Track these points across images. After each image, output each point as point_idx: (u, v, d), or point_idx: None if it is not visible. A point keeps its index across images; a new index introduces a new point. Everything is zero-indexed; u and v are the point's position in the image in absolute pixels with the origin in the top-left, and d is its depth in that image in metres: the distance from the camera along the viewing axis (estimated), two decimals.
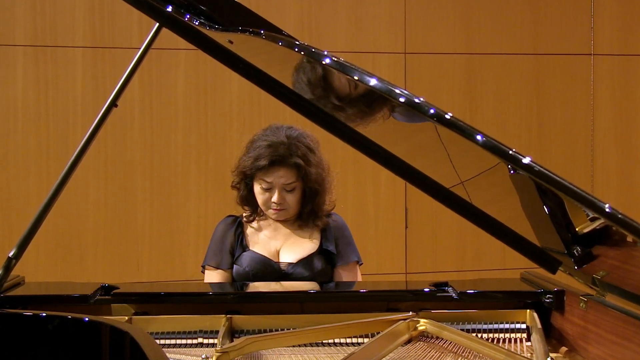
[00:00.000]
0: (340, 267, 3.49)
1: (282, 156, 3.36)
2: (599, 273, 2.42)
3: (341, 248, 3.51)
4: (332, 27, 5.64)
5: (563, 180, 2.03)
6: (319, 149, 3.51)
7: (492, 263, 5.75)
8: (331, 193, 3.57)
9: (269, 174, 3.37)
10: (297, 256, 3.44)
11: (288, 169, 3.37)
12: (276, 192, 3.40)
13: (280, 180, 3.38)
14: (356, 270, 3.55)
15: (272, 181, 3.38)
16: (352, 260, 3.52)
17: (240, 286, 3.37)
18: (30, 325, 2.20)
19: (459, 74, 5.82)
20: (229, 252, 3.49)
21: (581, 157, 5.96)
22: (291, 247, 3.48)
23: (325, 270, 3.45)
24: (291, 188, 3.41)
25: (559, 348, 2.65)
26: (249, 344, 2.43)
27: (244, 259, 3.44)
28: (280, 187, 3.39)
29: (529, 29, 5.90)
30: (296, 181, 3.40)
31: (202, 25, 2.54)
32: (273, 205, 3.42)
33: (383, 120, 2.51)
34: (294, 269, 3.40)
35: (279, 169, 3.37)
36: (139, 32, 5.30)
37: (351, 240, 3.58)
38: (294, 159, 3.36)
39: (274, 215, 3.47)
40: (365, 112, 2.53)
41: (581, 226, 2.40)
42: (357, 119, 2.62)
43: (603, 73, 5.99)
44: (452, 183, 2.57)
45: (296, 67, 2.54)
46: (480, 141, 2.06)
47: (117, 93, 2.77)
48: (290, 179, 3.39)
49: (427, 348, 2.60)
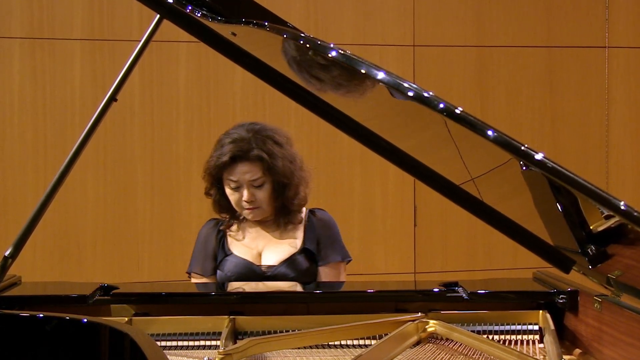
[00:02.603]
0: (322, 267, 3.50)
1: (244, 151, 3.37)
2: (613, 273, 2.41)
3: (323, 247, 3.52)
4: (339, 19, 5.64)
5: (577, 177, 2.02)
6: (289, 143, 3.51)
7: (503, 262, 5.75)
8: (305, 188, 3.55)
9: (233, 172, 3.39)
10: (279, 258, 3.45)
11: (251, 163, 3.38)
12: (245, 190, 3.40)
13: (246, 176, 3.39)
14: (339, 269, 3.56)
15: (238, 179, 3.39)
16: (334, 260, 3.52)
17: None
18: (27, 326, 2.20)
19: (469, 67, 5.81)
20: (212, 258, 3.52)
21: (596, 153, 5.95)
22: (273, 249, 3.49)
23: (310, 270, 3.47)
24: (259, 184, 3.41)
25: (573, 350, 2.65)
26: (252, 346, 2.43)
27: (226, 264, 3.46)
28: (247, 184, 3.40)
29: (542, 20, 5.89)
30: (263, 176, 3.40)
31: (205, 17, 2.54)
32: (245, 205, 3.43)
33: (391, 114, 2.51)
34: (277, 270, 3.41)
35: (242, 165, 3.38)
36: (139, 24, 5.30)
37: (336, 238, 3.58)
38: (256, 152, 3.37)
39: (250, 215, 3.47)
40: (372, 106, 2.53)
41: (595, 224, 2.40)
42: (363, 113, 2.62)
43: (618, 66, 5.98)
44: (463, 180, 2.57)
45: (300, 60, 2.54)
46: (492, 137, 2.06)
47: (116, 87, 2.76)
48: (255, 174, 3.39)
49: (437, 350, 2.60)
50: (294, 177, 3.47)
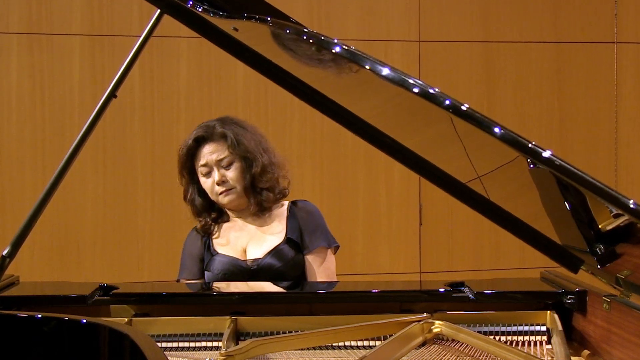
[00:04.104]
0: (308, 255, 3.53)
1: (209, 132, 3.51)
2: (623, 272, 2.41)
3: (306, 235, 3.55)
4: (343, 14, 5.64)
5: (585, 175, 2.02)
6: (257, 132, 3.62)
7: (510, 262, 5.75)
8: (281, 177, 3.62)
9: (200, 155, 3.51)
10: (264, 250, 3.49)
11: (216, 142, 3.50)
12: (215, 172, 3.49)
13: (213, 156, 3.49)
14: (324, 254, 3.57)
15: (207, 161, 3.49)
16: (318, 245, 3.55)
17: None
18: (25, 327, 2.20)
19: (476, 63, 5.81)
20: (199, 260, 3.57)
21: (604, 150, 5.95)
22: (257, 242, 3.53)
23: (296, 260, 3.49)
24: (227, 163, 3.50)
25: (581, 351, 2.64)
26: (255, 347, 2.43)
27: (214, 264, 3.50)
28: (216, 165, 3.49)
29: (549, 15, 5.89)
30: (229, 154, 3.49)
31: (206, 12, 2.54)
32: (217, 189, 3.50)
33: (396, 110, 2.51)
34: (262, 262, 3.45)
35: (208, 146, 3.50)
36: (139, 19, 5.31)
37: (319, 224, 3.60)
38: (219, 129, 3.51)
39: (225, 199, 3.52)
40: (376, 102, 2.54)
41: (604, 223, 2.40)
42: (367, 110, 2.62)
43: (628, 62, 5.97)
44: (469, 178, 2.57)
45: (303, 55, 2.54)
46: (499, 134, 2.06)
47: (116, 83, 2.77)
48: (222, 153, 3.49)
49: (443, 351, 2.60)
50: (261, 153, 3.54)
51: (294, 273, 3.47)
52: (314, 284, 3.43)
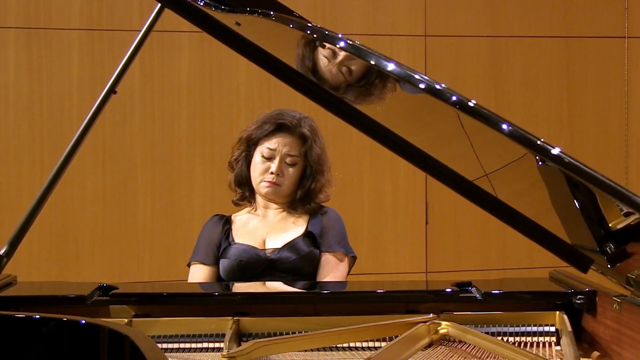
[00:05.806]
0: (325, 253, 3.54)
1: (292, 125, 3.55)
2: (633, 272, 2.41)
3: (327, 236, 3.57)
4: (347, 8, 5.64)
5: (595, 173, 2.03)
6: (327, 155, 3.68)
7: (518, 261, 5.75)
8: (329, 186, 3.66)
9: (274, 140, 3.53)
10: (283, 241, 3.51)
11: (294, 138, 3.55)
12: (277, 160, 3.52)
13: (284, 148, 3.53)
14: (340, 259, 3.58)
15: (276, 148, 3.52)
16: (337, 249, 3.57)
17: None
18: (23, 327, 2.20)
19: (483, 58, 5.81)
20: (216, 246, 3.58)
21: (615, 147, 5.95)
22: (277, 234, 3.56)
23: (311, 255, 3.50)
24: (292, 162, 3.54)
25: (591, 353, 2.64)
26: (257, 348, 2.43)
27: (230, 252, 3.51)
28: (282, 157, 3.53)
29: (559, 10, 5.88)
30: (299, 156, 3.54)
31: (207, 6, 2.55)
32: (268, 177, 3.53)
33: (401, 107, 2.51)
34: (280, 253, 3.47)
35: (285, 137, 3.54)
36: (139, 14, 5.31)
37: (343, 233, 3.63)
38: (302, 129, 3.55)
39: (266, 190, 3.55)
40: (382, 98, 2.53)
41: (615, 222, 2.40)
42: (373, 106, 2.62)
43: (639, 57, 5.97)
44: (476, 175, 2.57)
45: (307, 51, 2.54)
46: (506, 130, 2.07)
47: (115, 79, 2.77)
48: (294, 150, 3.54)
49: (449, 352, 2.60)
50: (324, 171, 3.61)
51: (310, 268, 3.49)
52: (319, 283, 3.44)
